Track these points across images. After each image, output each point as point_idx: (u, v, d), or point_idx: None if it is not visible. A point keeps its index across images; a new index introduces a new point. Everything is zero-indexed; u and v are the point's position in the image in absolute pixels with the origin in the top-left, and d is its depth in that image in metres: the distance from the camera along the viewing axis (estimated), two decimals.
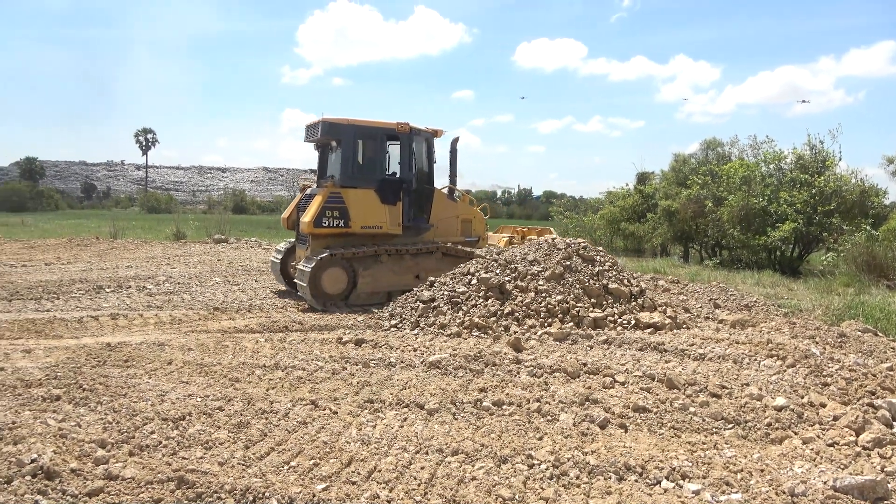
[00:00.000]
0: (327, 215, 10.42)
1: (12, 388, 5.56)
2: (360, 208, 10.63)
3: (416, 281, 10.55)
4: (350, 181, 10.75)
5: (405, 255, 10.86)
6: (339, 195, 10.52)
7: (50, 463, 3.79)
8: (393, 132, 11.09)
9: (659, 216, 22.91)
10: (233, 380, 6.05)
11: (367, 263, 10.57)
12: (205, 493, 3.65)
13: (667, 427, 5.07)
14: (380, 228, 10.79)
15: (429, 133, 11.67)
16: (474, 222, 12.22)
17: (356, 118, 10.94)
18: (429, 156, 11.74)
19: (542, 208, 76.53)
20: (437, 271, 10.59)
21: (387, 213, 10.84)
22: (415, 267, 10.91)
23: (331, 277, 10.28)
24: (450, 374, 6.36)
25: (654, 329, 8.21)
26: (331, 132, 10.89)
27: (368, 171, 11.09)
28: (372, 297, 10.54)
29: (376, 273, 10.58)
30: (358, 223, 10.62)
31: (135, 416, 4.89)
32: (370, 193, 10.74)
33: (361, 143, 11.07)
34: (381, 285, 10.64)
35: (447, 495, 3.81)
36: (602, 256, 9.63)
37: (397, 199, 10.99)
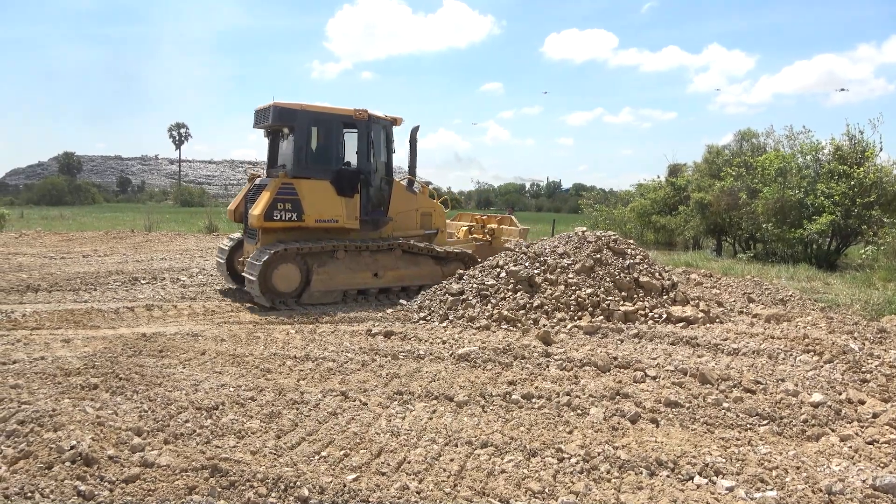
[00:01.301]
0: (279, 208, 9.63)
1: (52, 376, 5.72)
2: (314, 201, 9.86)
3: (374, 279, 10.18)
4: (303, 171, 9.97)
5: (363, 252, 10.18)
6: (291, 186, 9.73)
7: (88, 450, 3.88)
8: (350, 119, 10.34)
9: (691, 209, 22.52)
10: (264, 370, 6.13)
11: (323, 260, 9.87)
12: (238, 481, 3.71)
13: (699, 422, 5.00)
14: (335, 222, 10.05)
15: (388, 121, 11.00)
16: (434, 215, 11.66)
17: (310, 103, 10.14)
18: (388, 145, 11.11)
19: (572, 201, 75.91)
20: (396, 269, 10.34)
21: (343, 205, 10.11)
22: (373, 264, 10.23)
23: (282, 274, 9.56)
24: (479, 367, 6.35)
25: (686, 323, 8.10)
26: (282, 118, 10.05)
27: (323, 160, 10.34)
28: (326, 296, 9.86)
29: (332, 270, 9.87)
30: (312, 217, 9.85)
31: (169, 404, 4.99)
32: (325, 185, 9.99)
33: (315, 130, 10.33)
34: (336, 283, 9.93)
35: (477, 487, 3.81)
36: (633, 249, 9.51)
37: (354, 192, 10.26)
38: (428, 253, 10.74)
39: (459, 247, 11.82)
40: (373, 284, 10.21)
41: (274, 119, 10.04)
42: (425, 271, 10.74)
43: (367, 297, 10.20)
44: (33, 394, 5.19)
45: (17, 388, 5.33)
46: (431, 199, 11.82)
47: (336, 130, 10.37)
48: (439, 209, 11.78)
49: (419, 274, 10.68)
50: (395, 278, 10.45)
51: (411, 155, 11.43)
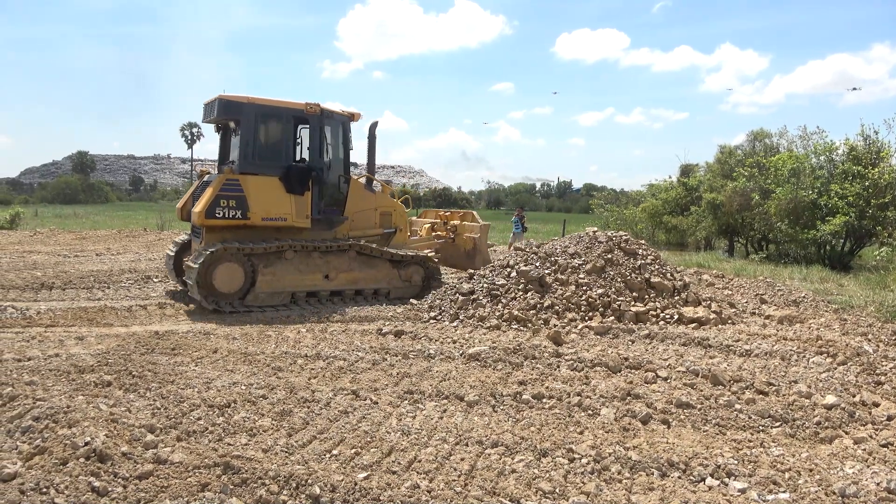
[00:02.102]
0: (222, 205, 9.18)
1: (66, 373, 5.77)
2: (261, 198, 9.41)
3: (325, 281, 9.77)
4: (251, 167, 9.52)
5: (313, 253, 9.71)
6: (236, 182, 9.29)
7: (102, 446, 3.92)
8: (301, 114, 9.88)
9: (703, 209, 22.42)
10: (276, 369, 6.16)
11: (270, 260, 9.42)
12: (249, 478, 3.73)
13: (711, 424, 4.97)
14: (284, 221, 9.60)
15: (344, 116, 10.49)
16: (395, 215, 11.18)
17: (258, 96, 9.69)
18: (344, 142, 10.59)
19: (583, 201, 75.77)
20: (349, 272, 9.91)
21: (292, 203, 9.64)
22: (324, 266, 9.78)
23: (224, 274, 9.12)
24: (489, 367, 6.35)
25: (698, 324, 8.06)
26: (228, 112, 9.62)
27: (272, 156, 9.81)
28: (273, 298, 9.43)
29: (279, 271, 9.42)
30: (258, 214, 9.40)
31: (182, 402, 5.02)
32: (274, 182, 9.55)
33: (264, 124, 9.77)
34: (283, 285, 9.48)
35: (487, 487, 3.81)
36: (644, 250, 9.48)
37: (305, 189, 9.74)
38: (385, 257, 10.25)
39: (421, 249, 11.36)
40: (323, 287, 9.78)
41: (219, 113, 9.62)
42: (381, 274, 10.24)
43: (319, 299, 9.81)
44: (48, 390, 5.23)
45: (32, 384, 5.38)
46: (392, 198, 11.41)
47: (286, 125, 9.90)
48: (400, 208, 11.32)
49: (374, 277, 10.18)
50: (348, 281, 9.97)
51: (370, 152, 11.02)
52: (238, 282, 9.25)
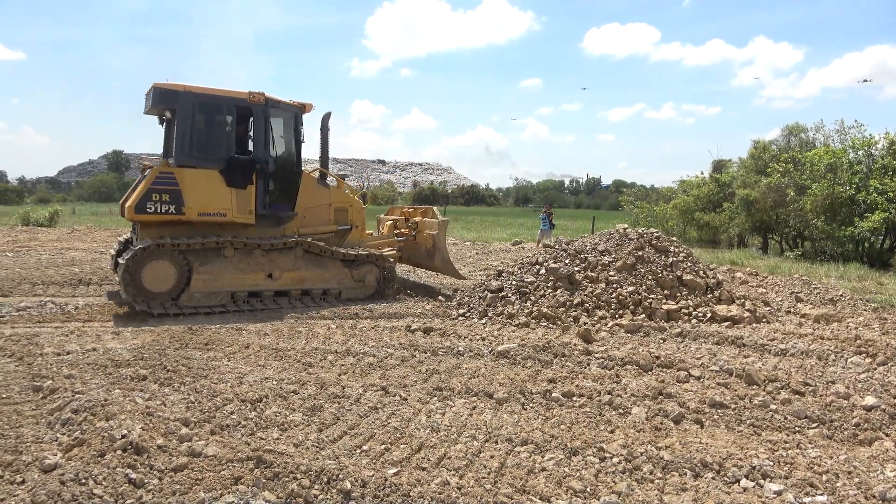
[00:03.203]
0: (154, 199, 8.65)
1: (103, 367, 5.91)
2: (197, 192, 8.86)
3: (269, 281, 9.25)
4: (188, 160, 8.95)
5: (255, 251, 9.20)
6: (171, 176, 8.77)
7: (138, 439, 3.99)
8: (243, 103, 9.29)
9: (736, 206, 22.01)
10: (306, 364, 6.22)
11: (207, 258, 8.90)
12: (281, 472, 3.77)
13: (746, 424, 4.88)
14: (223, 216, 9.05)
15: (295, 107, 9.89)
16: (350, 211, 10.54)
17: (196, 85, 9.09)
18: (295, 134, 9.93)
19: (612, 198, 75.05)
20: (294, 271, 9.40)
21: (233, 198, 9.09)
22: (268, 264, 9.24)
23: (153, 273, 8.64)
24: (518, 364, 6.32)
25: (731, 322, 7.92)
26: (164, 101, 9.07)
27: (212, 148, 9.22)
28: (210, 299, 8.90)
29: (216, 270, 8.90)
30: (194, 209, 8.84)
31: (215, 396, 5.10)
32: (213, 175, 8.99)
33: (203, 114, 9.22)
34: (221, 284, 8.95)
35: (517, 485, 3.80)
36: (676, 247, 9.35)
37: (248, 183, 9.18)
38: (334, 256, 9.73)
39: (379, 247, 10.86)
40: (266, 286, 9.26)
41: (155, 102, 9.13)
42: (330, 274, 9.72)
43: (262, 300, 9.27)
44: (86, 384, 5.36)
45: (70, 378, 5.53)
46: (348, 193, 10.79)
47: (227, 115, 9.33)
48: (357, 204, 10.71)
49: (323, 277, 9.67)
50: (294, 281, 9.46)
51: (322, 145, 10.38)
52: (169, 281, 8.74)
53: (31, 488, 3.47)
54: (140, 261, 8.57)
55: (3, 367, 5.91)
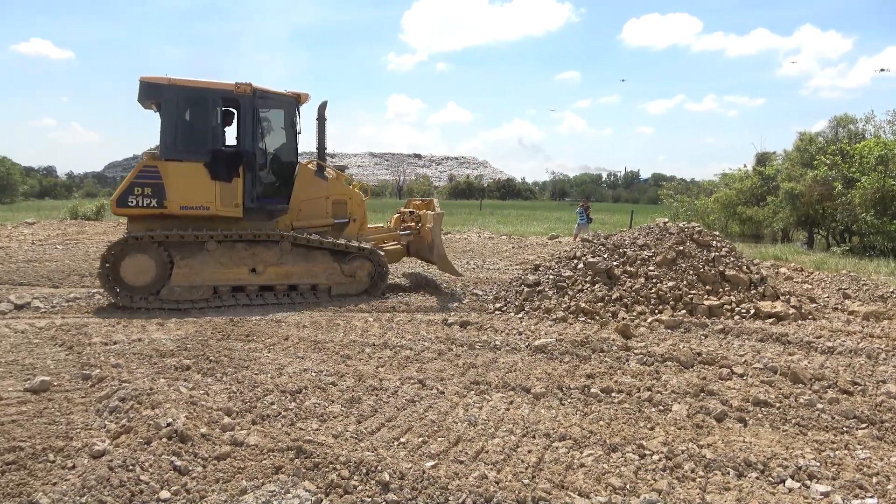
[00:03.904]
0: (136, 193, 8.65)
1: (149, 357, 6.07)
2: (180, 185, 8.75)
3: (252, 275, 9.01)
4: (173, 153, 8.86)
5: (238, 244, 8.99)
6: (154, 169, 8.70)
7: (183, 427, 4.09)
8: (230, 95, 9.07)
9: (780, 199, 21.44)
10: (344, 356, 6.28)
11: (189, 252, 8.78)
12: (321, 463, 3.82)
13: (791, 423, 4.76)
14: (206, 210, 8.89)
15: (288, 98, 9.60)
16: (350, 203, 10.19)
17: (181, 77, 8.92)
18: (290, 125, 9.70)
19: (651, 191, 73.94)
20: (280, 265, 9.12)
21: (217, 191, 8.91)
22: (250, 259, 8.99)
23: (132, 266, 8.60)
24: (556, 359, 6.28)
25: (776, 319, 7.73)
26: (149, 94, 8.93)
27: (198, 140, 9.03)
28: (191, 293, 8.75)
29: (197, 264, 8.74)
30: (176, 203, 8.74)
31: (256, 387, 5.19)
32: (198, 168, 8.85)
33: (188, 107, 9.05)
34: (203, 278, 8.77)
35: (555, 480, 3.77)
36: (718, 241, 9.15)
37: (233, 175, 8.99)
38: (322, 247, 9.37)
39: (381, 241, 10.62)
40: (249, 281, 9.02)
41: (141, 95, 8.99)
42: (319, 268, 9.35)
43: (247, 295, 9.05)
44: (132, 373, 5.52)
45: (117, 367, 5.69)
46: (347, 186, 10.45)
47: (213, 107, 9.10)
48: (356, 197, 10.33)
49: (310, 271, 9.32)
50: (279, 275, 9.17)
51: (319, 136, 10.04)
52: (148, 274, 8.68)
53: (82, 473, 3.59)
54: (120, 253, 8.60)
55: (54, 356, 6.12)
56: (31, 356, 6.07)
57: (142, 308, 8.48)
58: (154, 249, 8.73)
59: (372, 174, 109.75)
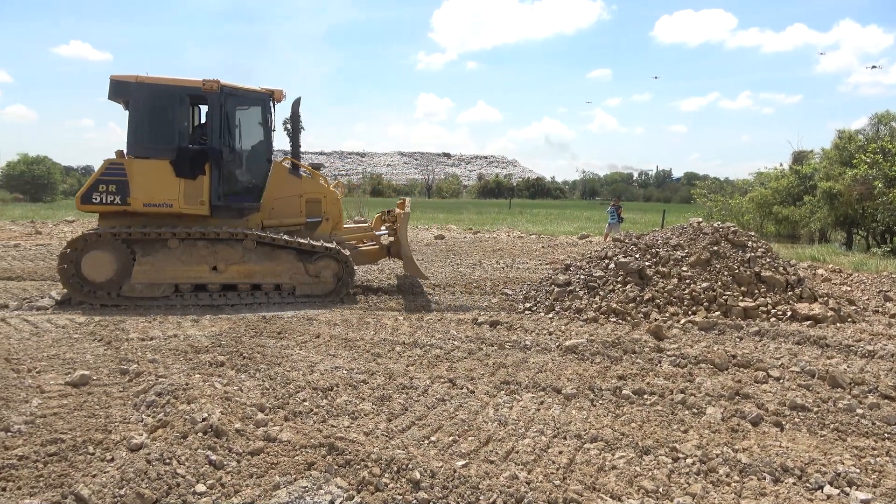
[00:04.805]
0: (100, 189, 8.69)
1: (184, 353, 6.19)
2: (144, 182, 8.74)
3: (213, 274, 8.88)
4: (139, 150, 8.86)
5: (199, 242, 8.87)
6: (120, 166, 8.73)
7: (218, 422, 4.16)
8: (197, 92, 9.00)
9: (818, 199, 20.94)
10: (375, 355, 6.32)
11: (152, 248, 8.78)
12: (353, 460, 3.85)
13: (829, 428, 4.65)
14: (169, 207, 8.85)
15: (262, 95, 9.48)
16: (324, 202, 9.95)
17: (149, 75, 8.93)
18: (263, 122, 9.59)
19: (683, 191, 72.88)
20: (242, 264, 8.95)
21: (181, 188, 8.87)
22: (211, 257, 8.87)
23: (92, 262, 8.62)
24: (587, 360, 6.23)
25: (813, 321, 7.55)
26: (117, 92, 8.94)
27: (164, 138, 8.95)
28: (152, 290, 8.70)
29: (157, 261, 8.72)
30: (140, 200, 8.74)
31: (288, 384, 5.25)
32: (163, 165, 8.81)
33: (155, 104, 8.95)
34: (163, 276, 8.74)
35: (587, 482, 3.74)
36: (754, 242, 8.98)
37: (199, 173, 8.92)
38: (287, 246, 9.15)
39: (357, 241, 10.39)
40: (210, 280, 8.90)
41: (111, 93, 9.01)
42: (282, 268, 9.13)
43: (210, 293, 8.93)
44: (168, 368, 5.63)
45: (154, 362, 5.81)
46: (323, 184, 10.17)
47: (179, 105, 9.04)
48: (331, 195, 10.08)
49: (273, 271, 9.10)
50: (241, 274, 9.00)
51: (293, 133, 9.93)
52: (109, 271, 8.68)
53: (120, 466, 3.68)
54: (82, 249, 8.66)
55: (93, 351, 6.27)
56: (72, 351, 6.23)
57: (106, 305, 8.55)
58: (116, 246, 8.74)
59: (401, 173, 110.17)
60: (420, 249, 16.20)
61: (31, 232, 18.62)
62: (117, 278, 8.71)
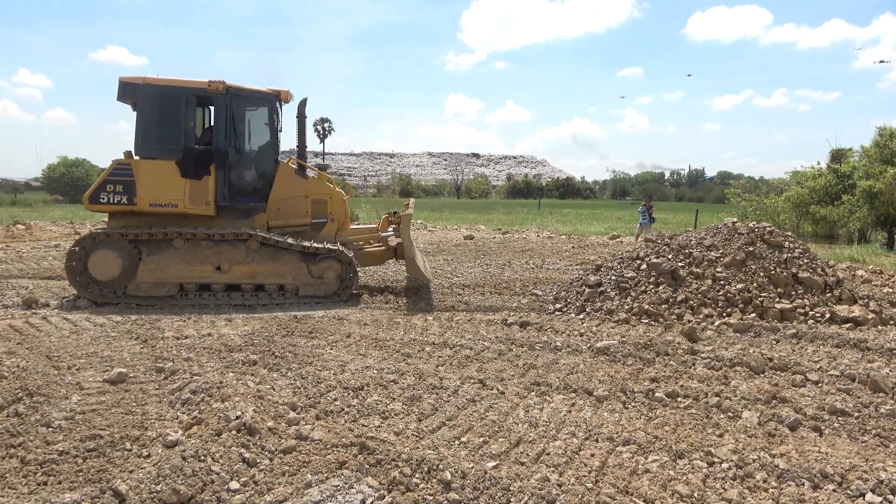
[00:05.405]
0: (108, 190, 8.89)
1: (218, 351, 6.28)
2: (150, 183, 8.93)
3: (217, 274, 8.99)
4: (147, 151, 9.06)
5: (203, 242, 8.98)
6: (127, 167, 8.92)
7: (251, 420, 4.21)
8: (203, 92, 9.15)
9: (857, 198, 20.39)
10: (405, 355, 6.33)
11: (157, 248, 8.91)
12: (384, 459, 3.86)
13: (871, 434, 4.52)
14: (175, 207, 9.01)
15: (268, 96, 9.57)
16: (330, 203, 10.00)
17: (156, 76, 9.13)
18: (270, 123, 9.67)
19: (716, 190, 71.66)
20: (245, 264, 9.04)
21: (186, 189, 9.03)
22: (215, 257, 8.97)
23: (99, 261, 8.79)
24: (618, 362, 6.16)
25: (853, 324, 7.35)
26: (126, 93, 9.12)
27: (171, 138, 9.09)
28: (157, 289, 8.85)
29: (162, 261, 8.85)
30: (146, 200, 8.92)
31: (320, 383, 5.30)
32: (169, 166, 8.99)
33: (162, 105, 9.08)
34: (168, 276, 8.87)
35: (619, 485, 3.69)
36: (791, 242, 8.77)
37: (204, 173, 9.07)
38: (291, 248, 9.18)
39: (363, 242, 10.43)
40: (214, 280, 9.01)
41: (119, 95, 9.17)
42: (285, 269, 9.17)
43: (213, 293, 9.03)
44: (202, 366, 5.72)
45: (189, 360, 5.91)
46: (329, 185, 10.16)
47: (185, 105, 9.11)
48: (337, 196, 10.11)
49: (277, 271, 9.15)
50: (245, 274, 9.08)
51: (299, 134, 9.94)
52: (115, 270, 8.84)
53: (157, 462, 3.74)
54: (89, 248, 8.82)
55: (130, 349, 6.41)
56: (109, 349, 6.37)
57: (110, 303, 8.73)
58: (122, 245, 8.89)
59: (430, 174, 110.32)
60: (449, 249, 16.21)
61: (71, 232, 19.11)
62: (123, 277, 8.88)
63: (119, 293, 8.87)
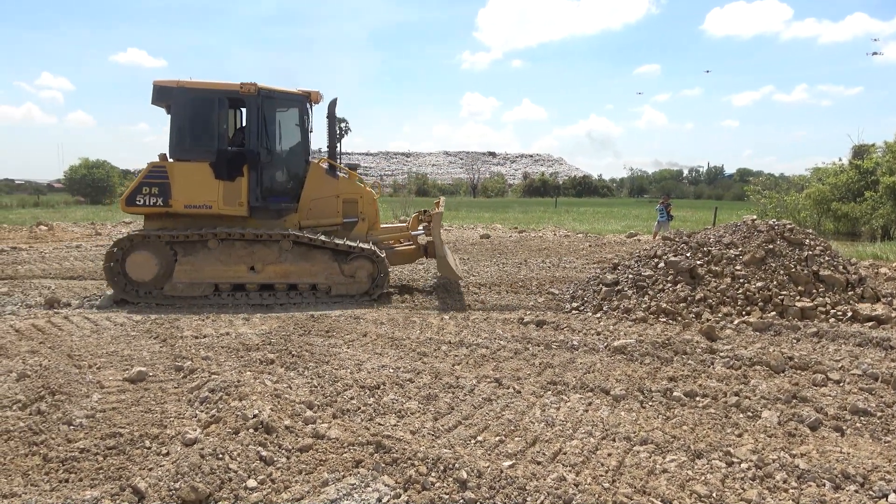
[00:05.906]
0: (143, 192, 9.02)
1: (236, 350, 6.33)
2: (185, 184, 9.06)
3: (251, 274, 9.09)
4: (181, 153, 9.18)
5: (237, 243, 9.10)
6: (163, 169, 9.05)
7: (268, 419, 4.24)
8: (235, 95, 9.23)
9: (881, 194, 20.10)
10: (421, 354, 6.34)
11: (192, 249, 9.05)
12: (400, 458, 3.87)
13: (894, 434, 4.44)
14: (209, 208, 9.13)
15: (298, 97, 9.61)
16: (361, 203, 10.03)
17: (190, 79, 9.20)
18: (301, 124, 9.72)
19: (735, 188, 70.96)
20: (278, 264, 9.11)
21: (220, 190, 9.13)
22: (249, 257, 9.08)
23: (137, 262, 8.95)
24: (636, 361, 6.12)
25: (876, 322, 7.23)
26: (160, 97, 9.25)
27: (204, 141, 9.20)
28: (192, 289, 8.98)
29: (198, 261, 8.99)
30: (181, 202, 9.06)
31: (336, 382, 5.32)
32: (203, 167, 9.10)
33: (196, 108, 9.19)
34: (203, 276, 9.00)
35: (637, 485, 3.67)
36: (811, 240, 8.65)
37: (237, 175, 9.17)
38: (324, 246, 9.24)
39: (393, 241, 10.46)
40: (248, 279, 9.12)
41: (154, 98, 9.31)
42: (318, 268, 9.23)
43: (247, 293, 9.15)
44: (220, 365, 5.77)
45: (207, 359, 5.96)
46: (359, 184, 10.19)
47: (218, 108, 9.16)
48: (368, 196, 10.15)
49: (309, 271, 9.21)
50: (278, 274, 9.16)
51: (330, 134, 9.98)
52: (152, 271, 9.00)
53: (175, 460, 3.78)
54: (126, 249, 8.98)
55: (149, 348, 6.48)
56: (129, 348, 6.45)
57: (147, 303, 8.86)
58: (158, 246, 9.05)
59: (447, 173, 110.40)
60: (465, 248, 16.20)
61: (92, 233, 19.39)
62: (160, 278, 9.03)
63: (155, 293, 9.01)
